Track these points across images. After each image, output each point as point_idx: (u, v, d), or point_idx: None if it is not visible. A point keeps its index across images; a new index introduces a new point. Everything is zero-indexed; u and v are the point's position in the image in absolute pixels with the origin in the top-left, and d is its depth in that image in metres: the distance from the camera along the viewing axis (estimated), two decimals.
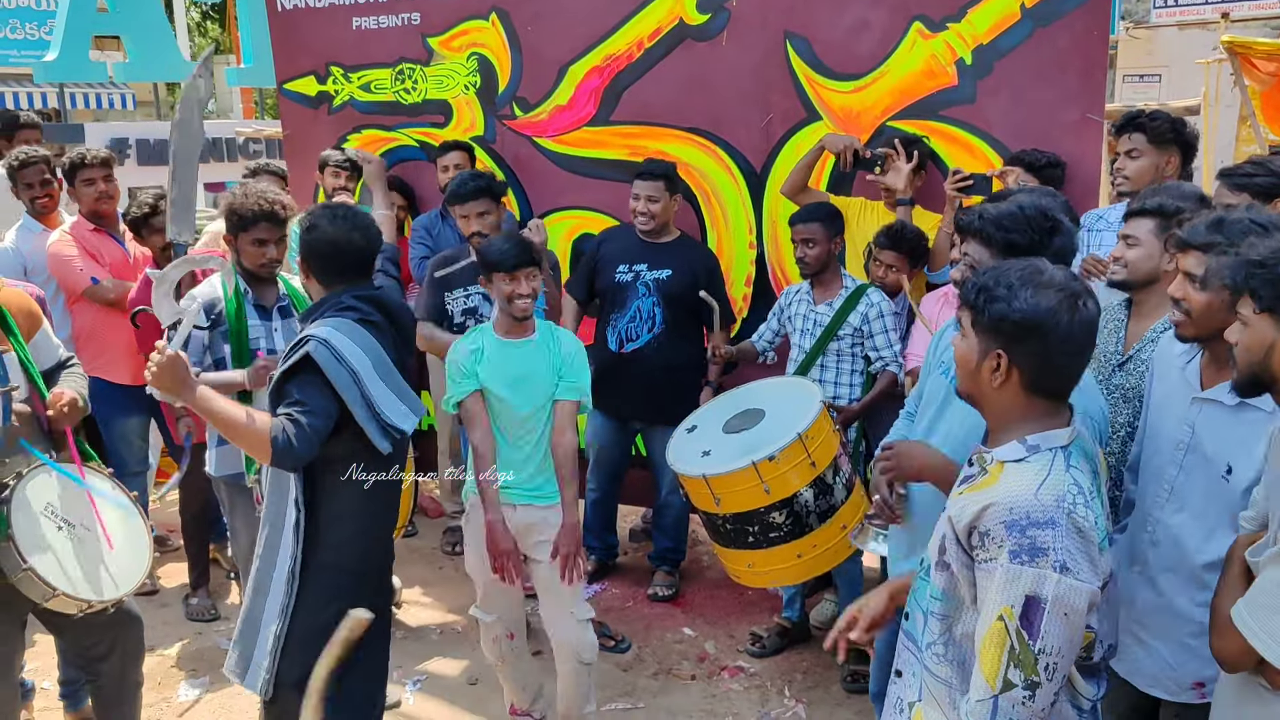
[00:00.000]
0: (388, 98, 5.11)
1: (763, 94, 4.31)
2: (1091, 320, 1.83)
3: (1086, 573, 1.70)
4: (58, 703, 3.68)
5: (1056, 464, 1.79)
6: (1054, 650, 1.69)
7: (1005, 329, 1.82)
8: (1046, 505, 1.72)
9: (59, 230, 4.56)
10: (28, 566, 2.64)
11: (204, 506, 4.49)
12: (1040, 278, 1.83)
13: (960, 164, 3.95)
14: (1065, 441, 1.83)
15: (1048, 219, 2.35)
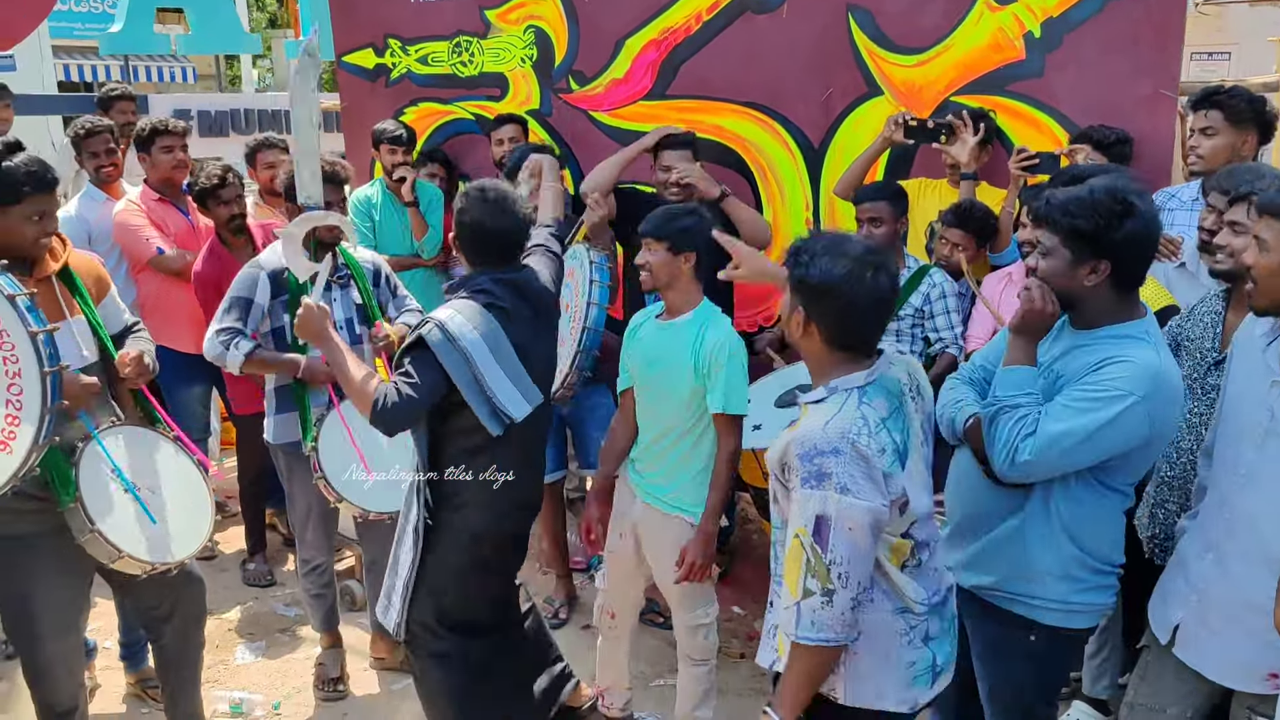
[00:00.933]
0: (444, 70, 5.11)
1: (823, 67, 4.23)
2: (881, 289, 2.07)
3: (867, 492, 1.97)
4: (119, 663, 3.77)
5: (850, 402, 2.06)
6: (843, 561, 1.97)
7: (804, 290, 2.11)
8: (831, 437, 1.99)
9: (124, 199, 4.63)
10: (95, 528, 2.69)
11: (261, 473, 4.56)
12: (840, 248, 2.09)
13: (1026, 141, 3.85)
14: (862, 382, 2.09)
15: (1120, 202, 2.23)
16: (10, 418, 2.45)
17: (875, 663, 2.13)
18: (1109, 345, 2.28)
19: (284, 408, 3.51)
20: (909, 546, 2.12)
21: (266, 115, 7.87)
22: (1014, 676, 2.48)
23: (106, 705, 3.69)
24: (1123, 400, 2.20)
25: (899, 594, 2.12)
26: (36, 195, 2.69)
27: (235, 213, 4.27)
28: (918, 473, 2.13)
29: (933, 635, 2.19)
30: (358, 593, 4.35)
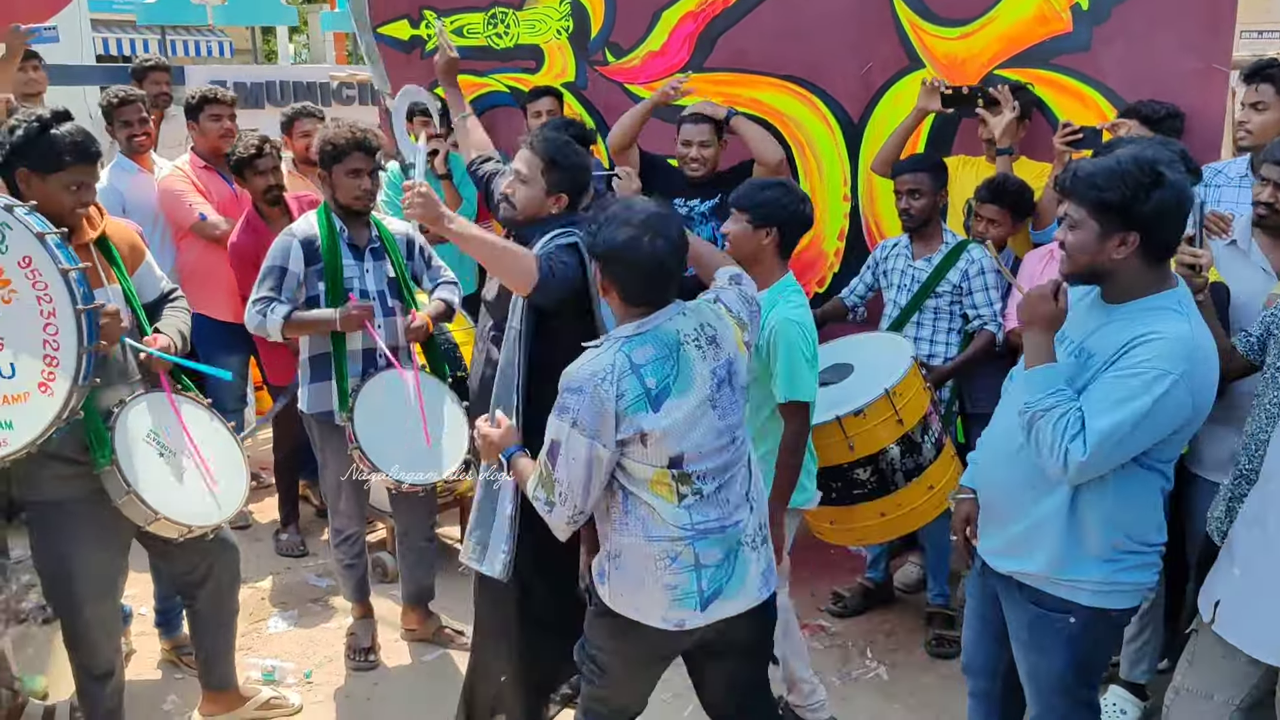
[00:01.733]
0: (480, 42, 5.08)
1: (863, 40, 4.16)
2: (659, 253, 2.29)
3: (590, 431, 2.25)
4: (153, 629, 3.81)
5: (611, 349, 2.30)
6: (564, 482, 2.30)
7: (596, 256, 2.37)
8: (582, 377, 2.27)
9: (171, 165, 4.68)
10: (132, 490, 2.71)
11: (296, 445, 4.58)
12: (624, 216, 2.32)
13: (1071, 115, 3.76)
14: (630, 333, 2.32)
15: (1148, 173, 2.18)
16: (49, 359, 2.44)
17: (629, 585, 2.37)
18: (1140, 320, 2.24)
19: (318, 377, 3.51)
20: (673, 476, 2.31)
21: (302, 87, 7.89)
22: (1054, 660, 2.44)
23: (142, 670, 3.73)
24: (1162, 381, 2.16)
25: (658, 521, 2.33)
26: (78, 166, 2.70)
27: (272, 183, 4.28)
28: (689, 412, 2.30)
29: (705, 562, 2.35)
30: (389, 564, 4.37)
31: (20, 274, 2.40)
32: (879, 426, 3.28)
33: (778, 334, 2.89)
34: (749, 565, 2.42)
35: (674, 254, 2.34)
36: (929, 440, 3.41)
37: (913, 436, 3.35)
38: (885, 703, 3.56)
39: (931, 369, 3.68)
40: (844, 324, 4.07)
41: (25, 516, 2.97)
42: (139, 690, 3.50)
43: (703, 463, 2.35)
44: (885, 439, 3.30)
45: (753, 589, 2.44)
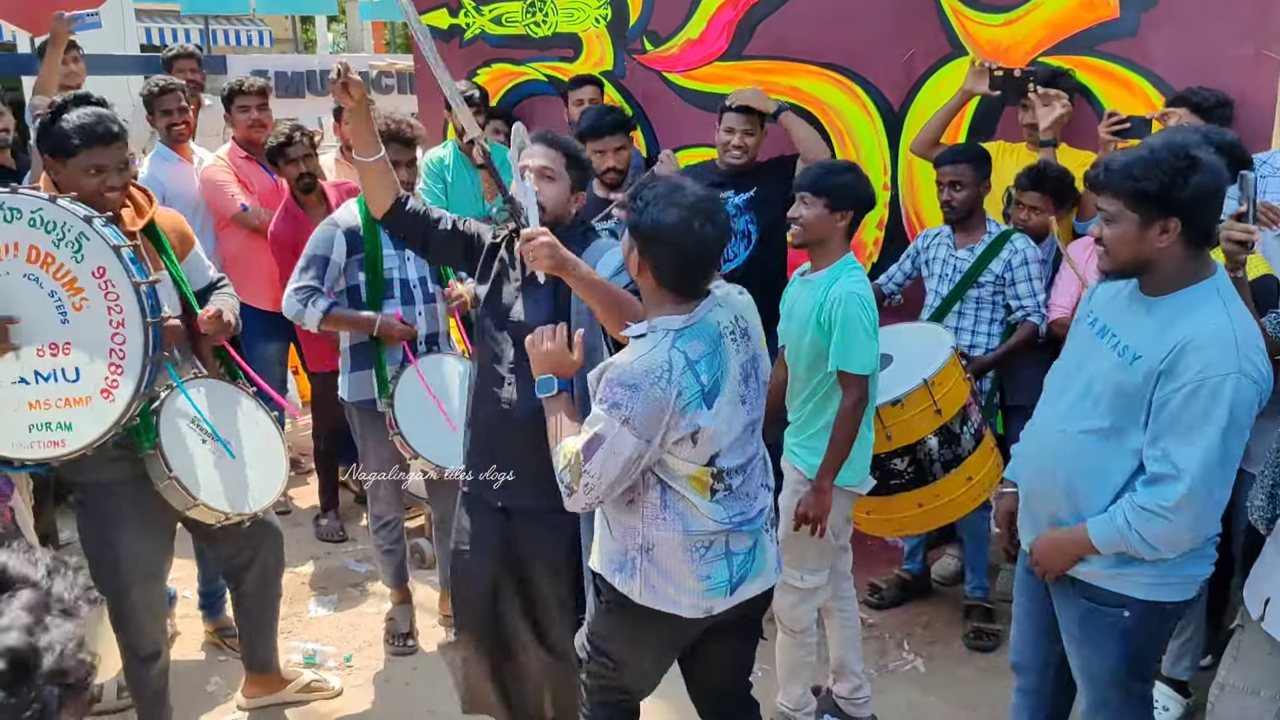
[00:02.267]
0: (518, 31, 5.08)
1: (905, 27, 4.11)
2: (707, 239, 2.23)
3: (643, 430, 2.17)
4: (197, 612, 3.88)
5: (663, 343, 2.22)
6: (595, 475, 2.21)
7: (639, 234, 2.26)
8: (636, 373, 2.18)
9: (210, 154, 4.72)
10: (172, 475, 2.75)
11: (335, 431, 4.64)
12: (673, 197, 2.24)
13: (1118, 104, 3.70)
14: (679, 326, 2.25)
15: (1182, 158, 2.15)
16: (114, 366, 2.50)
17: (664, 578, 2.33)
18: (1182, 316, 2.21)
19: (359, 365, 3.54)
20: (710, 474, 2.30)
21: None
22: (1107, 654, 2.41)
23: (185, 652, 3.80)
24: (1224, 386, 2.13)
25: (697, 516, 2.30)
26: (89, 148, 2.67)
27: (303, 171, 4.30)
28: (730, 407, 2.29)
29: (735, 550, 2.36)
30: (427, 550, 4.41)
31: (93, 284, 2.46)
32: (917, 417, 3.26)
33: (839, 305, 2.92)
34: (768, 548, 2.45)
35: (719, 243, 2.30)
36: (968, 431, 3.38)
37: (951, 427, 3.33)
38: (922, 695, 3.55)
39: (972, 360, 3.65)
40: (881, 311, 4.02)
41: (73, 499, 3.04)
42: (183, 671, 3.56)
43: (732, 458, 2.34)
44: (923, 429, 3.28)
45: (771, 570, 2.47)
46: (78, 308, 2.46)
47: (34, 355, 2.46)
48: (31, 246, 2.43)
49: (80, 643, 1.01)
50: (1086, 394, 2.36)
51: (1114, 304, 2.39)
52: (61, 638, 0.99)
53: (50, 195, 2.46)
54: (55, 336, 2.46)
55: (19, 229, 2.42)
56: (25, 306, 2.44)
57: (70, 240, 2.42)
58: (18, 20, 6.58)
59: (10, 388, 2.45)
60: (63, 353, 2.47)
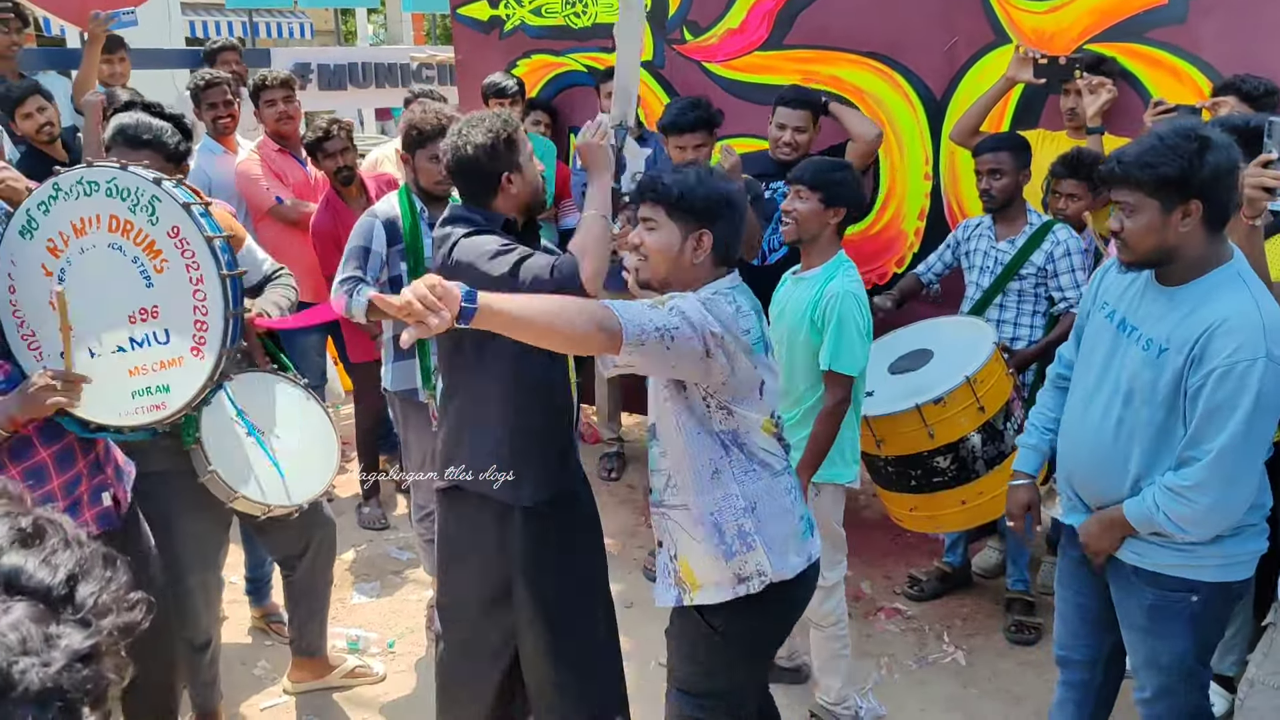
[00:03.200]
0: (558, 22, 5.09)
1: (947, 15, 4.07)
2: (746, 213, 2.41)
3: (697, 316, 2.15)
4: (244, 597, 3.95)
5: (722, 291, 2.29)
6: (675, 310, 2.14)
7: (700, 208, 2.26)
8: (703, 297, 2.23)
9: (247, 149, 4.77)
10: (213, 469, 2.80)
11: (378, 420, 4.69)
12: (704, 171, 2.34)
13: (1166, 91, 3.64)
14: (731, 283, 2.33)
15: (1192, 139, 2.16)
16: (199, 324, 2.51)
17: (777, 524, 2.36)
18: (1206, 303, 2.22)
19: (401, 355, 3.58)
20: (773, 423, 2.39)
21: (383, 69, 7.98)
22: (1177, 642, 2.41)
23: (232, 637, 3.86)
24: (1253, 370, 2.13)
25: (771, 459, 2.37)
26: (126, 150, 2.77)
27: (341, 164, 4.33)
28: (777, 370, 2.42)
29: (792, 488, 2.45)
30: None
31: (170, 244, 2.48)
32: (960, 414, 3.24)
33: (834, 304, 2.94)
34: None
35: None
36: (1011, 427, 3.35)
37: (994, 424, 3.30)
38: (962, 688, 3.53)
39: (1014, 353, 3.61)
40: (919, 302, 4.00)
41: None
42: (230, 654, 3.62)
43: (778, 406, 2.47)
44: (966, 427, 3.26)
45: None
46: (159, 270, 2.49)
47: (127, 323, 2.50)
48: (111, 216, 2.46)
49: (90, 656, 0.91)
50: (1117, 392, 2.37)
51: (1129, 295, 2.39)
52: (63, 654, 0.89)
53: (120, 163, 2.50)
54: (144, 301, 2.50)
55: (98, 201, 2.46)
56: (113, 276, 2.48)
57: (144, 205, 2.46)
58: (64, 14, 6.69)
59: (110, 357, 2.50)
60: (152, 316, 2.50)
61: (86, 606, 0.95)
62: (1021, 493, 2.69)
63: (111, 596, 0.97)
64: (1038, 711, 3.23)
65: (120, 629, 0.95)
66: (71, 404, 2.40)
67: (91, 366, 2.47)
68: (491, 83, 4.93)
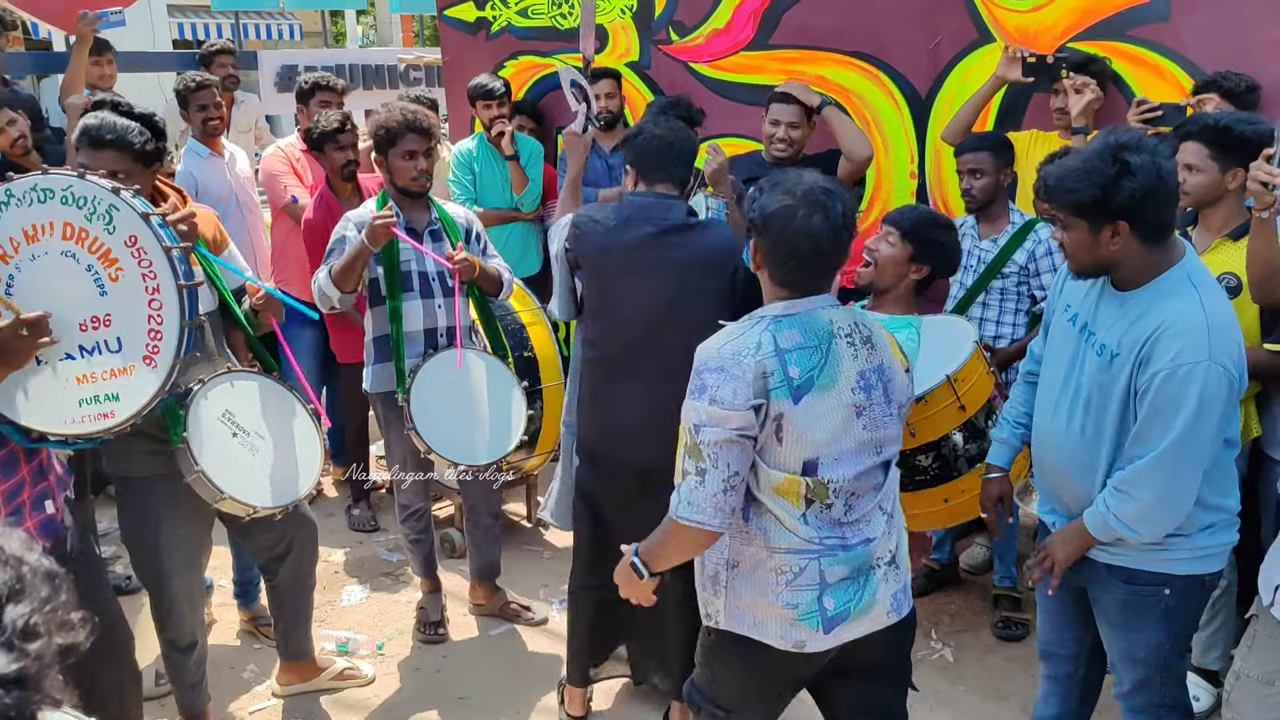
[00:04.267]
0: (544, 23, 5.10)
1: (931, 14, 4.09)
2: (814, 230, 2.10)
3: (729, 401, 2.05)
4: (232, 600, 3.95)
5: (757, 327, 2.13)
6: (711, 442, 2.06)
7: (750, 222, 2.19)
8: (723, 356, 2.10)
9: (273, 145, 4.82)
10: (199, 469, 2.79)
11: (365, 421, 4.68)
12: (788, 185, 2.16)
13: (1149, 89, 3.66)
14: (779, 312, 2.14)
15: (1112, 164, 2.17)
16: (153, 332, 2.52)
17: (747, 597, 2.21)
18: (1155, 309, 2.24)
19: (381, 357, 3.57)
20: (806, 485, 2.12)
21: (371, 70, 7.97)
22: (1152, 635, 2.43)
23: (221, 640, 3.86)
24: (1195, 372, 2.16)
25: (781, 529, 2.14)
26: (94, 151, 2.75)
27: (351, 159, 4.35)
28: (830, 413, 2.12)
29: (832, 580, 2.15)
30: (457, 540, 4.45)
31: (127, 253, 2.48)
32: (941, 413, 3.23)
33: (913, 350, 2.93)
34: (880, 586, 2.22)
35: (832, 234, 2.12)
36: (993, 426, 3.36)
37: (976, 422, 3.30)
38: (950, 684, 3.54)
39: (996, 351, 3.63)
40: None
41: (114, 490, 3.09)
42: (219, 658, 3.63)
43: (838, 471, 2.14)
44: (947, 426, 3.26)
45: (882, 612, 2.23)
46: (114, 278, 2.48)
47: (77, 330, 2.49)
48: (66, 224, 2.45)
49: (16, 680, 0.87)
50: (1079, 396, 2.41)
51: (1089, 299, 2.43)
52: None
53: (79, 171, 2.49)
54: (96, 309, 2.49)
55: (52, 208, 2.45)
56: (65, 284, 2.47)
57: (101, 213, 2.45)
58: (50, 18, 6.67)
59: (57, 365, 2.49)
60: (104, 325, 2.49)
61: (14, 629, 0.90)
62: (993, 485, 2.72)
63: (46, 618, 0.92)
64: (1024, 707, 3.24)
65: (57, 651, 0.91)
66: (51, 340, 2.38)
67: (37, 373, 2.46)
68: (478, 84, 4.93)
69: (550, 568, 4.38)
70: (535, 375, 4.29)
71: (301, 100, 4.85)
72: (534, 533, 4.72)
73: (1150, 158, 2.18)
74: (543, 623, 3.96)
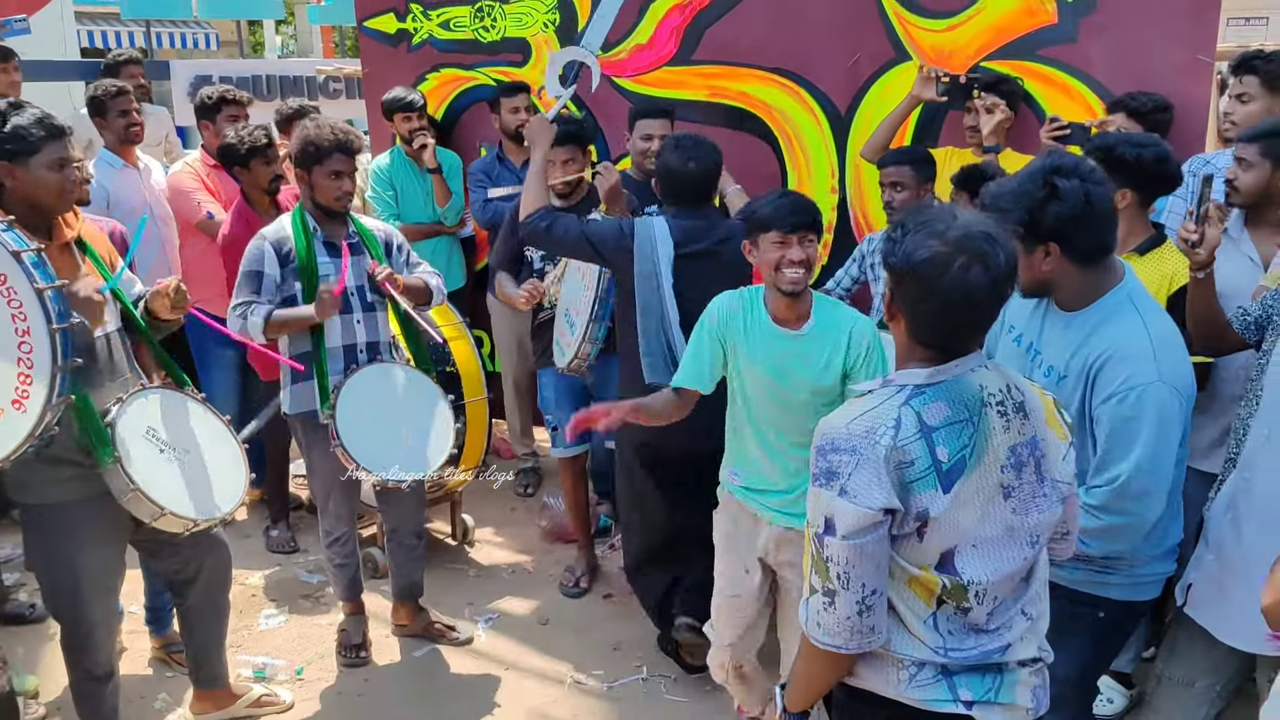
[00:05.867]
0: (466, 35, 5.05)
1: (850, 32, 4.15)
2: (966, 285, 1.72)
3: (864, 497, 1.72)
4: (144, 627, 3.81)
5: (893, 400, 1.79)
6: (840, 561, 1.74)
7: (890, 269, 1.82)
8: (854, 434, 1.76)
9: (180, 162, 4.69)
10: (135, 486, 2.71)
11: (285, 441, 4.58)
12: (938, 225, 1.77)
13: (1058, 108, 3.77)
14: (923, 380, 1.80)
15: (1041, 186, 2.21)
16: (23, 376, 2.43)
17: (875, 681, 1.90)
18: (1098, 331, 2.27)
19: (300, 377, 3.48)
20: (942, 583, 1.80)
21: (289, 81, 7.83)
22: (1080, 654, 2.44)
23: (133, 668, 3.72)
24: (1147, 394, 2.18)
25: (902, 632, 1.83)
26: (51, 141, 2.66)
27: (278, 174, 4.26)
28: (982, 498, 1.79)
29: (954, 670, 1.85)
30: (380, 560, 4.37)
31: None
32: None
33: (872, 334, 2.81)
34: (1018, 685, 1.90)
35: (993, 291, 1.75)
36: None
37: None
38: None
39: None
40: None
41: (19, 516, 2.97)
42: (129, 687, 3.49)
43: (981, 569, 1.80)
44: None
45: (1023, 701, 1.91)
46: None
47: None
48: None
49: None
50: None
51: (1034, 319, 2.45)
52: None
53: None
54: None
55: None
56: None
57: None
58: None
59: None
60: None
61: None
62: None
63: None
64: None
65: None
66: None
67: None
68: (396, 98, 4.86)
69: (475, 586, 4.33)
70: (458, 390, 4.24)
71: (205, 115, 4.71)
72: (458, 551, 4.65)
73: (1080, 183, 2.21)
74: (468, 642, 3.90)
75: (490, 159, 4.82)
